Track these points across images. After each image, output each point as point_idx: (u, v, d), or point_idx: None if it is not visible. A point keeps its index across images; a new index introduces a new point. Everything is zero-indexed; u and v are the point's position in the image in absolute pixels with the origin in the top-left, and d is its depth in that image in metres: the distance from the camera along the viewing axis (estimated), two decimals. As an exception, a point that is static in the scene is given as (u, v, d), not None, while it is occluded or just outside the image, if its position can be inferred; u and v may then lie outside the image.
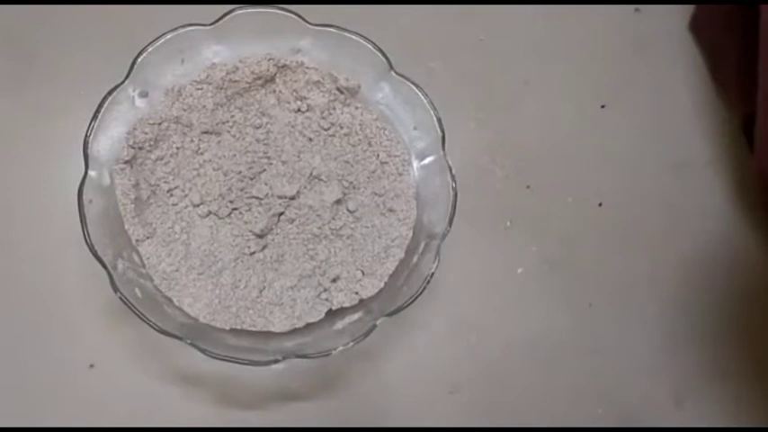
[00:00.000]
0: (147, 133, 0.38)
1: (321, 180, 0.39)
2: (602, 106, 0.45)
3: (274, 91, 0.40)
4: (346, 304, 0.38)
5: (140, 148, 0.38)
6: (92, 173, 0.36)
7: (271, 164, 0.40)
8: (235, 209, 0.39)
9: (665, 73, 0.47)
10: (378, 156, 0.40)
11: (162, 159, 0.39)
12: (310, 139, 0.40)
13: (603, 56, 0.47)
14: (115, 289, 0.35)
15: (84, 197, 0.36)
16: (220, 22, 0.38)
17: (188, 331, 0.36)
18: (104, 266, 0.35)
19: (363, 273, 0.39)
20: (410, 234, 0.39)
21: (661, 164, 0.45)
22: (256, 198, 0.39)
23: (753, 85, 0.41)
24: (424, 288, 0.36)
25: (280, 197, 0.39)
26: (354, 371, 0.41)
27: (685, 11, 0.47)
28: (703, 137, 0.46)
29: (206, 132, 0.39)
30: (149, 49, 0.37)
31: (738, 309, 0.43)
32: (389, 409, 0.41)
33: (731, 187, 0.45)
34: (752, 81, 0.41)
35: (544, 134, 0.45)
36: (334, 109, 0.40)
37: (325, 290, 0.39)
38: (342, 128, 0.40)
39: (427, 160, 0.40)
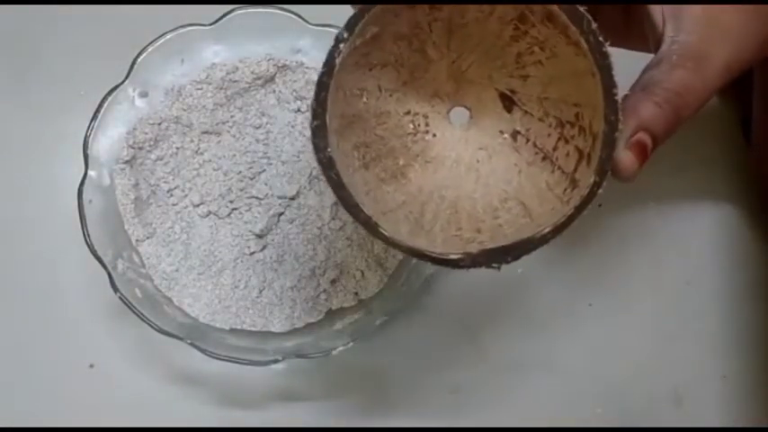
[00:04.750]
0: (147, 133, 0.38)
1: (321, 180, 0.39)
2: (602, 106, 0.45)
3: (274, 91, 0.40)
4: (346, 304, 0.38)
5: (140, 148, 0.38)
6: (92, 173, 0.36)
7: (271, 164, 0.40)
8: (235, 209, 0.39)
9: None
10: (378, 156, 0.40)
11: (162, 159, 0.39)
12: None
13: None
14: (115, 289, 0.35)
15: (84, 197, 0.36)
16: (220, 22, 0.38)
17: (188, 331, 0.36)
18: (104, 266, 0.35)
19: (363, 273, 0.39)
20: (410, 234, 0.39)
21: (661, 164, 0.45)
22: (256, 198, 0.39)
23: (748, 88, 0.41)
24: (424, 288, 0.36)
25: (280, 197, 0.39)
26: (354, 371, 0.41)
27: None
28: (703, 137, 0.46)
29: (206, 132, 0.39)
30: (149, 49, 0.37)
31: (738, 308, 0.43)
32: (389, 409, 0.41)
33: (731, 187, 0.45)
34: (747, 84, 0.41)
35: (544, 134, 0.45)
36: (334, 109, 0.40)
37: (325, 290, 0.39)
38: (342, 128, 0.40)
39: (427, 160, 0.40)
